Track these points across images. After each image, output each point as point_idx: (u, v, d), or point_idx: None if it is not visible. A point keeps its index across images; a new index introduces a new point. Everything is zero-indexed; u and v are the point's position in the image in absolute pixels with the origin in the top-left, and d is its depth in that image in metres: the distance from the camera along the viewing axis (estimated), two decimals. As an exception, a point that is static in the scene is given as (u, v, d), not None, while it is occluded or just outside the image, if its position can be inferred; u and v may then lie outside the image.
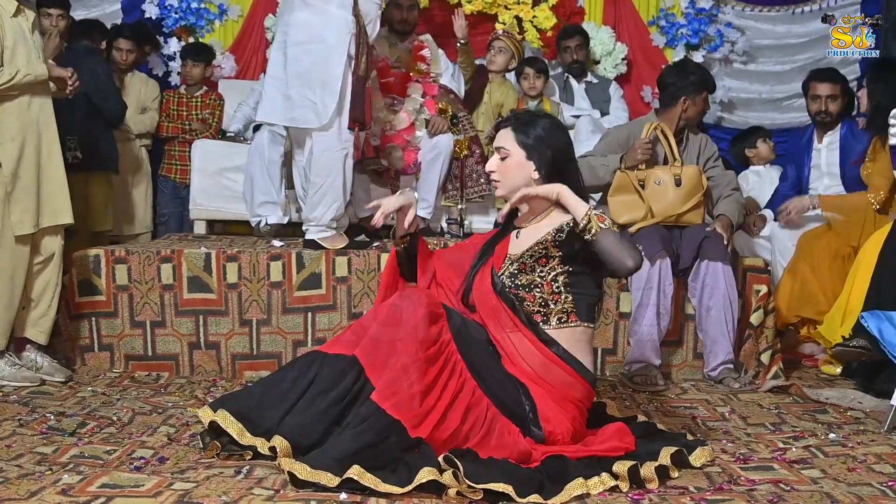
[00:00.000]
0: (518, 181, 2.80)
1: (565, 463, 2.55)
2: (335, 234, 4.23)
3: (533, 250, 2.77)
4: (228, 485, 2.41)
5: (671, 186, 4.05)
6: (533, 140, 2.79)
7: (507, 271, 2.80)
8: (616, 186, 4.08)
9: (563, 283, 2.74)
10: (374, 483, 2.35)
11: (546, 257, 2.75)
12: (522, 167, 2.80)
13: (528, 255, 2.77)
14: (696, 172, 4.09)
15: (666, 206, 4.05)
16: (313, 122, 4.06)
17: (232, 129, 5.72)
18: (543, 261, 2.75)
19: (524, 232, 2.85)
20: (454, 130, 4.98)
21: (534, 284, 2.74)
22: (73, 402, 3.39)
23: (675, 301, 4.01)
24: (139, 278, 4.01)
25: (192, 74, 5.88)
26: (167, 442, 2.87)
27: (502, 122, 2.89)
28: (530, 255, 2.77)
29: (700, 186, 4.08)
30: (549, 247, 2.75)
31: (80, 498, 2.28)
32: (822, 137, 4.84)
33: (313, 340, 4.00)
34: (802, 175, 4.91)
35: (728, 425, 3.26)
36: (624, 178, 4.07)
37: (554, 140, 2.80)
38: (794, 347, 4.56)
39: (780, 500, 2.41)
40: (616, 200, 4.08)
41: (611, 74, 6.27)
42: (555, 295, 2.74)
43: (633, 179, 4.06)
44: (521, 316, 2.72)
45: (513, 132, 2.82)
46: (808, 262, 4.48)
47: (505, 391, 2.66)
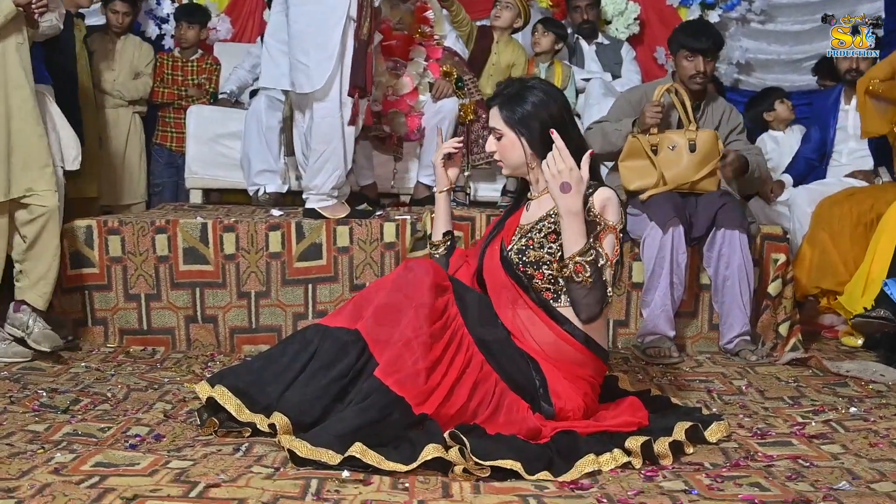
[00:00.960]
0: (517, 159, 2.80)
1: (576, 439, 2.54)
2: (336, 202, 4.21)
3: (541, 224, 2.75)
4: (227, 463, 2.41)
5: (685, 152, 4.01)
6: (519, 116, 2.75)
7: (515, 246, 2.77)
8: (627, 151, 4.04)
9: None
10: (376, 461, 2.34)
11: (555, 233, 2.72)
12: (516, 145, 2.78)
13: (536, 230, 2.75)
14: (712, 137, 4.04)
15: (679, 172, 4.01)
16: (306, 87, 4.03)
17: (224, 90, 5.68)
18: (553, 237, 2.72)
19: (534, 203, 2.84)
20: (459, 94, 4.95)
21: (542, 261, 2.72)
22: (66, 378, 3.39)
23: (690, 271, 3.99)
24: (133, 250, 3.99)
25: (186, 37, 5.84)
26: (163, 419, 2.86)
27: (491, 99, 2.87)
28: (539, 229, 2.74)
29: (716, 152, 4.04)
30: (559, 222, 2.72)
31: (74, 477, 2.27)
32: (851, 98, 4.77)
33: (314, 313, 3.99)
34: (827, 137, 4.87)
35: (745, 399, 3.25)
36: (635, 142, 4.04)
37: (544, 110, 2.74)
38: (814, 318, 4.55)
39: (799, 476, 2.40)
40: (627, 166, 4.05)
41: (623, 35, 6.21)
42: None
43: (645, 144, 4.02)
44: (531, 293, 2.70)
45: (499, 110, 2.80)
46: (828, 231, 4.44)
47: (514, 366, 2.65)
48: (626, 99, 4.34)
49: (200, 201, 5.27)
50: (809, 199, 4.68)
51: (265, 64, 4.30)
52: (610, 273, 2.64)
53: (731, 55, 6.35)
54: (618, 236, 2.67)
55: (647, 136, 4.03)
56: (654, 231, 3.89)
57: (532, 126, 2.74)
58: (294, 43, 4.02)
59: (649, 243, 3.91)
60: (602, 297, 2.61)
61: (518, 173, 2.87)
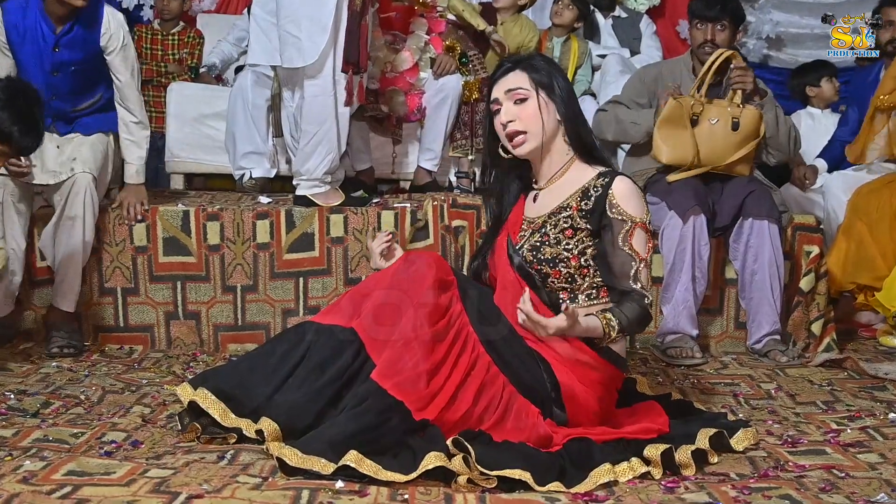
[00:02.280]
0: (548, 124, 2.74)
1: (590, 446, 2.54)
2: (329, 189, 4.20)
3: (557, 219, 2.73)
4: (210, 472, 2.41)
5: (727, 129, 3.99)
6: (547, 77, 2.76)
7: (527, 242, 2.76)
8: (666, 116, 4.00)
9: (591, 256, 2.71)
10: (373, 470, 2.34)
11: (573, 229, 2.71)
12: (547, 109, 2.75)
13: (550, 225, 2.74)
14: (757, 117, 4.02)
15: (716, 150, 3.99)
16: (297, 62, 4.02)
17: (205, 63, 5.66)
18: (570, 232, 2.71)
19: (543, 194, 2.82)
20: (463, 71, 4.93)
21: (559, 259, 2.71)
22: (36, 378, 3.39)
23: (714, 264, 3.99)
24: (109, 239, 3.99)
25: (169, 8, 5.81)
26: (141, 424, 2.87)
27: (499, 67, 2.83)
28: (553, 224, 2.73)
29: (756, 133, 4.03)
30: (576, 217, 2.71)
31: (44, 487, 2.27)
32: None
33: (305, 309, 3.99)
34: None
35: (774, 404, 3.25)
36: (677, 108, 4.00)
37: (563, 78, 2.79)
38: (850, 316, 4.55)
39: (834, 487, 2.40)
40: (663, 133, 4.01)
41: (642, 7, 6.19)
42: (582, 269, 2.71)
43: (687, 111, 4.00)
44: (543, 294, 2.71)
45: (524, 72, 2.77)
46: (865, 221, 4.44)
47: (524, 368, 2.64)
48: (640, 78, 4.34)
49: (182, 187, 5.26)
50: (845, 186, 4.67)
51: (254, 38, 4.28)
52: (646, 273, 2.67)
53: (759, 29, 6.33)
54: (647, 230, 2.69)
55: (693, 101, 4.00)
56: (674, 220, 3.88)
57: (558, 91, 2.75)
58: (284, 13, 4.01)
59: (668, 234, 3.90)
60: (642, 321, 2.70)
61: (536, 153, 2.79)
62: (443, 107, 4.79)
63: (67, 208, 3.79)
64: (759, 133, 4.03)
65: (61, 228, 3.81)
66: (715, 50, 4.10)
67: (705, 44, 4.15)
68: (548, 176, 2.82)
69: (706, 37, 4.16)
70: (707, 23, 4.15)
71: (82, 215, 3.80)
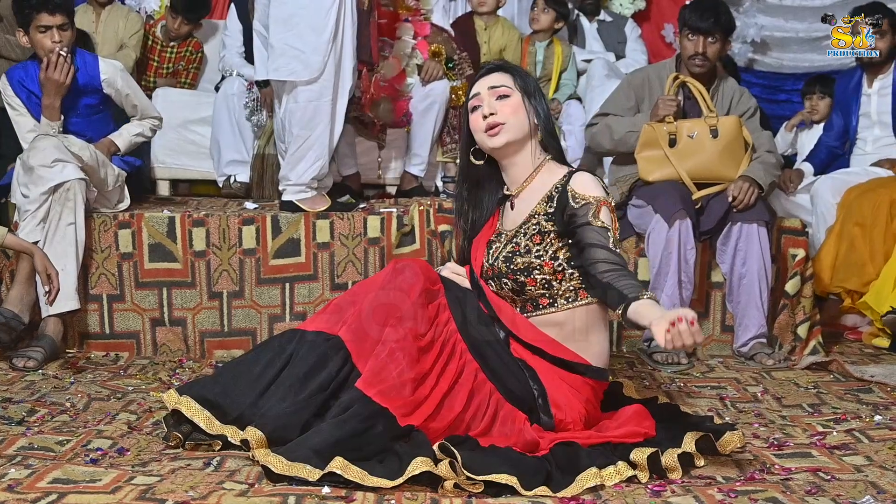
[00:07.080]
0: (524, 123, 2.78)
1: (577, 451, 2.55)
2: (316, 194, 4.20)
3: (527, 227, 2.77)
4: (196, 478, 2.41)
5: (708, 139, 4.01)
6: (531, 86, 2.81)
7: (500, 254, 2.78)
8: (644, 142, 4.03)
9: (565, 259, 2.73)
10: (359, 476, 2.34)
11: (540, 234, 2.73)
12: (526, 110, 2.78)
13: (521, 234, 2.77)
14: (736, 123, 4.04)
15: (703, 161, 4.00)
16: (301, 74, 4.00)
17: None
18: (538, 238, 2.74)
19: (517, 201, 2.84)
20: (450, 76, 4.94)
21: (532, 267, 2.73)
22: (21, 386, 3.38)
23: (700, 267, 4.00)
24: (94, 246, 3.98)
25: (178, 32, 5.67)
26: (127, 431, 2.86)
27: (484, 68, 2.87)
28: (524, 233, 2.76)
29: (739, 138, 4.04)
30: (542, 221, 2.73)
31: (29, 495, 2.27)
32: (873, 81, 4.80)
33: (292, 315, 3.99)
34: (850, 125, 4.88)
35: (760, 407, 3.26)
36: (651, 132, 4.03)
37: (544, 99, 2.84)
38: (836, 319, 4.56)
39: (820, 490, 2.41)
40: (644, 157, 4.04)
41: (627, 11, 6.20)
42: (558, 274, 2.73)
43: (662, 134, 4.01)
44: (517, 304, 2.74)
45: (508, 74, 2.81)
46: (859, 222, 4.43)
47: (510, 375, 2.66)
48: (628, 83, 4.33)
49: (167, 193, 5.26)
50: (834, 189, 4.67)
51: (260, 56, 4.23)
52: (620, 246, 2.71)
53: (745, 33, 6.33)
54: (612, 209, 2.72)
55: (665, 124, 4.02)
56: (660, 224, 3.89)
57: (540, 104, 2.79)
58: (282, 28, 3.98)
59: (654, 238, 3.91)
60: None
61: (513, 148, 2.80)
62: (430, 112, 4.80)
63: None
64: (743, 137, 4.05)
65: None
66: (705, 62, 4.11)
67: (696, 56, 4.12)
68: (519, 181, 2.83)
69: (697, 49, 4.11)
70: (699, 35, 4.11)
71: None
